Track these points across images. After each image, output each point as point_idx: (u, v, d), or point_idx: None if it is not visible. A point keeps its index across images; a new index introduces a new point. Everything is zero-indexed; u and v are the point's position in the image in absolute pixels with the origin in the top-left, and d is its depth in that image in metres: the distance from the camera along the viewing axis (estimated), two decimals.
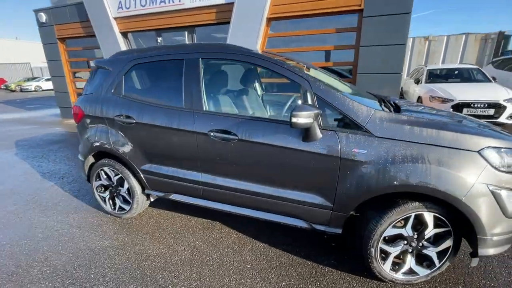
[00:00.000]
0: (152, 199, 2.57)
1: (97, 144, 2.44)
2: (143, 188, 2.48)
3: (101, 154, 2.56)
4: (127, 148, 2.32)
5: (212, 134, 1.96)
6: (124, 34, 6.98)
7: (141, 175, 2.35)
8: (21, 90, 21.99)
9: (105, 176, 2.60)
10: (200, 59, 2.08)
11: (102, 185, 2.66)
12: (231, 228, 2.45)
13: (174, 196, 2.31)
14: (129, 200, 2.51)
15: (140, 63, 2.32)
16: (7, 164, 4.40)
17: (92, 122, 2.49)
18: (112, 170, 2.51)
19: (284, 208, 1.91)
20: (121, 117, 2.30)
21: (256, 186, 1.94)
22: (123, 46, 7.00)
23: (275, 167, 1.84)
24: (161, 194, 2.38)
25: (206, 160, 2.06)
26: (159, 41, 6.84)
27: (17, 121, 8.41)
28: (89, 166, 2.65)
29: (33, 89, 21.81)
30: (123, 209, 2.60)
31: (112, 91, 2.39)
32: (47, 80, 22.33)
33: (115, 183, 2.53)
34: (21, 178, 3.79)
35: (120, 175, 2.47)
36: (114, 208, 2.64)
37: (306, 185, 1.81)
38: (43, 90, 21.79)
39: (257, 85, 2.93)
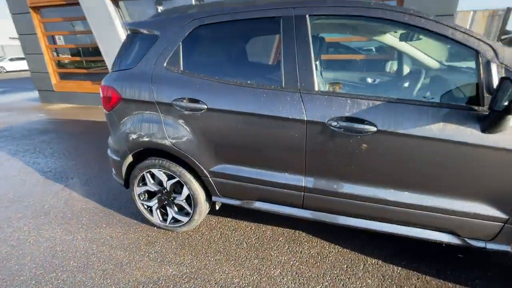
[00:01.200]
0: (216, 207, 2.01)
1: (145, 139, 1.79)
2: (209, 195, 1.91)
3: (145, 152, 1.93)
4: (191, 144, 1.71)
5: (333, 123, 1.41)
6: (115, 2, 5.91)
7: (210, 179, 1.77)
8: None
9: (152, 181, 1.97)
10: (307, 16, 1.47)
11: (147, 191, 2.05)
12: (321, 238, 1.96)
13: (258, 205, 1.77)
14: (188, 209, 1.94)
15: (207, 23, 1.65)
16: None
17: (135, 109, 1.81)
18: (164, 173, 1.90)
19: (428, 220, 1.45)
20: (183, 101, 1.66)
21: (394, 194, 1.45)
22: (115, 16, 5.96)
23: (432, 168, 1.34)
24: (236, 203, 1.82)
25: (317, 159, 1.51)
26: (159, 10, 5.87)
27: None
28: (127, 167, 2.01)
29: None
30: (178, 221, 2.03)
31: (165, 64, 1.71)
32: (12, 60, 19.85)
33: (167, 188, 1.93)
34: (17, 180, 3.01)
35: (176, 179, 1.87)
36: (165, 220, 2.06)
37: (474, 191, 1.34)
38: (7, 72, 19.36)
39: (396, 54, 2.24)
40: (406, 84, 1.88)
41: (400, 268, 1.69)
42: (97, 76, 6.91)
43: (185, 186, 1.86)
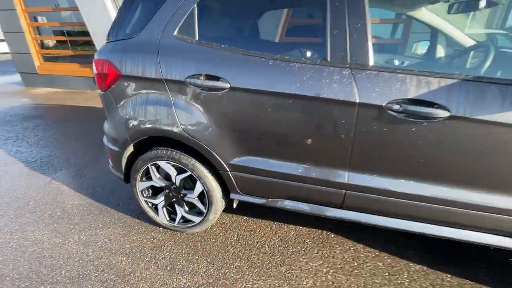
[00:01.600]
0: (234, 205, 1.74)
1: (150, 125, 1.48)
2: (226, 192, 1.63)
3: (150, 141, 1.62)
4: (207, 132, 1.41)
5: (394, 107, 1.13)
6: None
7: (230, 173, 1.49)
8: None
9: (158, 175, 1.68)
10: None
11: (152, 187, 1.76)
12: (353, 240, 1.71)
13: (288, 204, 1.50)
14: (201, 208, 1.65)
15: None
16: None
17: (137, 89, 1.49)
18: (174, 166, 1.60)
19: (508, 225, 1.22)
20: (200, 78, 1.34)
21: (466, 194, 1.20)
22: None
23: None
24: (260, 201, 1.55)
25: (367, 151, 1.24)
26: None
27: None
28: (128, 159, 1.70)
29: None
30: (189, 221, 1.75)
31: (176, 32, 1.38)
32: None
33: (177, 184, 1.64)
34: None
35: (188, 173, 1.58)
36: (173, 220, 1.77)
37: None
38: None
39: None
40: (475, 60, 1.61)
41: (450, 276, 1.48)
42: (84, 59, 6.37)
43: (198, 182, 1.57)
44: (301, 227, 1.85)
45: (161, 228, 1.85)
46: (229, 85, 1.30)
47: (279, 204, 1.52)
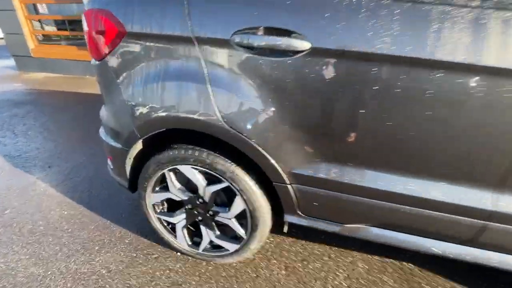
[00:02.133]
0: (284, 229, 1.25)
1: (167, 113, 0.95)
2: (278, 211, 1.14)
3: (168, 135, 1.11)
4: (264, 124, 0.89)
5: None
6: None
7: (290, 186, 0.99)
8: None
9: (178, 185, 1.18)
10: None
11: (169, 200, 1.27)
12: (444, 278, 1.23)
13: (376, 234, 1.01)
14: (241, 233, 1.14)
15: None
16: None
17: (150, 54, 0.96)
18: (202, 172, 1.08)
19: None
20: (256, 34, 0.81)
21: None
22: None
23: None
24: (332, 228, 1.05)
25: None
26: None
27: None
28: (134, 160, 1.20)
29: None
30: (220, 249, 1.26)
31: None
32: None
33: (205, 198, 1.13)
34: None
35: (225, 184, 1.06)
36: (196, 245, 1.27)
37: None
38: None
39: None
40: None
41: None
42: (83, 41, 5.82)
43: (238, 197, 1.07)
44: (370, 256, 1.36)
45: (179, 254, 1.37)
46: (308, 45, 0.78)
47: (362, 233, 1.02)
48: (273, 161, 0.94)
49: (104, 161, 2.19)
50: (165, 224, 1.30)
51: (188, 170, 1.09)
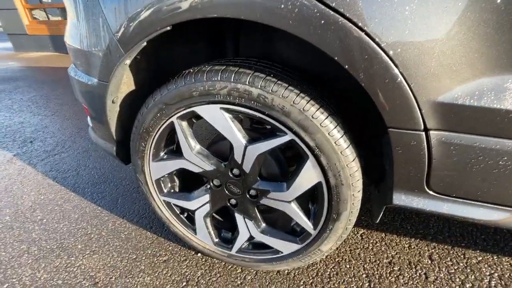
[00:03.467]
0: (375, 219, 0.77)
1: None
2: (377, 189, 0.65)
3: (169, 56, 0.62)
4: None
5: None
6: None
7: (427, 135, 0.48)
8: None
9: (197, 145, 0.68)
10: None
11: (182, 172, 0.77)
12: None
13: None
14: (307, 225, 0.65)
15: None
16: None
17: None
18: (239, 117, 0.61)
19: None
20: None
21: None
22: None
23: None
24: (499, 217, 0.57)
25: None
26: None
27: None
28: (122, 104, 0.73)
29: None
30: (264, 248, 0.79)
31: None
32: None
33: (245, 168, 0.64)
34: None
35: (285, 137, 0.56)
36: (226, 243, 0.80)
37: None
38: None
39: None
40: None
41: None
42: None
43: (310, 159, 0.59)
44: (494, 254, 0.88)
45: (199, 255, 0.93)
46: None
47: None
48: (401, 75, 0.44)
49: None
50: (178, 212, 0.84)
51: (215, 115, 0.61)
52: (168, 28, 0.53)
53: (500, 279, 0.80)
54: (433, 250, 0.90)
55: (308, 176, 0.60)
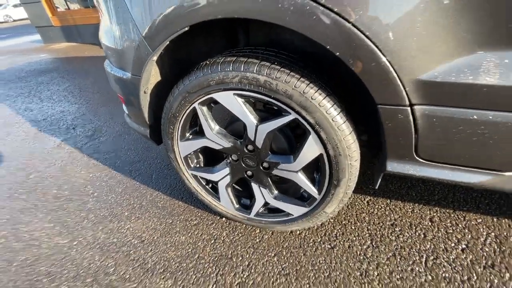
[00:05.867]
0: (376, 185, 0.87)
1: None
2: (372, 158, 0.74)
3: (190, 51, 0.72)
4: None
5: None
6: None
7: (412, 110, 0.55)
8: None
9: (216, 126, 0.79)
10: None
11: (206, 150, 0.91)
12: None
13: None
14: (312, 191, 0.77)
15: None
16: None
17: None
18: (250, 102, 0.71)
19: None
20: None
21: None
22: None
23: None
24: (482, 179, 0.62)
25: None
26: None
27: None
28: (152, 95, 0.86)
29: (1, 19, 18.05)
30: (280, 213, 0.92)
31: None
32: (16, 6, 18.31)
33: (257, 143, 0.75)
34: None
35: (290, 117, 0.66)
36: (245, 208, 0.96)
37: None
38: (14, 21, 18.06)
39: None
40: None
41: None
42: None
43: (312, 135, 0.69)
44: (493, 216, 0.94)
45: (224, 219, 1.09)
46: None
47: None
48: (385, 58, 0.51)
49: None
50: (204, 183, 0.99)
51: (230, 99, 0.71)
52: (186, 28, 0.62)
53: (496, 238, 0.87)
54: (434, 214, 0.98)
55: (311, 149, 0.69)
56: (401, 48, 0.50)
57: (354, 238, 0.92)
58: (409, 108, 0.56)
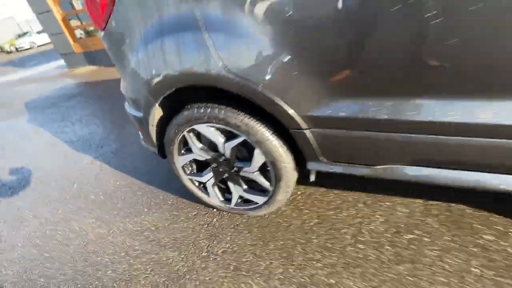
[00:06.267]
0: (311, 178, 1.22)
1: (169, 71, 0.94)
2: (299, 161, 1.10)
3: (182, 95, 1.12)
4: (269, 66, 0.82)
5: None
6: None
7: (308, 132, 0.93)
8: (17, 50, 19.99)
9: (200, 145, 1.20)
10: None
11: (195, 161, 1.33)
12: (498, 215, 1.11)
13: (412, 173, 0.92)
14: (265, 185, 1.15)
15: None
16: (20, 136, 3.19)
17: (145, 10, 0.97)
18: (219, 130, 1.11)
19: None
20: None
21: None
22: None
23: None
24: (361, 171, 0.98)
25: None
26: None
27: (20, 81, 7.00)
28: (157, 125, 1.26)
29: (28, 46, 19.69)
30: (250, 202, 1.32)
31: None
32: (39, 33, 19.88)
33: (226, 155, 1.16)
34: (41, 154, 2.58)
35: (241, 138, 1.06)
36: (228, 201, 1.34)
37: None
38: (38, 46, 19.63)
39: None
40: None
41: None
42: None
43: (257, 149, 1.06)
44: (413, 199, 1.26)
45: (215, 210, 1.46)
46: None
47: (396, 174, 0.92)
48: (285, 106, 0.87)
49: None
50: (197, 184, 1.38)
51: (204, 129, 1.10)
52: (173, 89, 1.01)
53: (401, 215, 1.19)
54: (368, 198, 1.30)
55: (258, 158, 1.06)
56: (294, 99, 0.86)
57: (305, 217, 1.27)
58: (307, 131, 0.91)
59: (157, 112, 1.18)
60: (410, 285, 0.94)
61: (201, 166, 1.34)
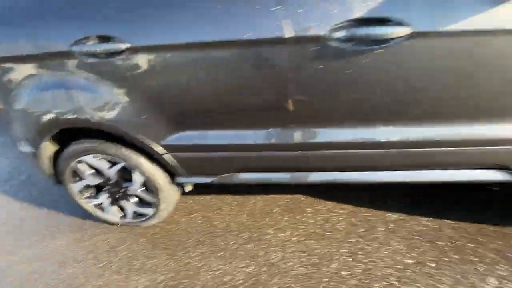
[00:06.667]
0: (189, 188, 1.54)
1: (49, 117, 1.18)
2: (173, 176, 1.41)
3: (70, 131, 1.33)
4: (123, 111, 1.13)
5: (342, 35, 0.87)
6: None
7: (168, 155, 1.26)
8: None
9: (89, 171, 1.44)
10: None
11: (88, 186, 1.52)
12: (324, 199, 1.61)
13: (244, 177, 1.30)
14: (150, 199, 1.46)
15: None
16: None
17: (21, 72, 1.17)
18: (103, 159, 1.36)
19: (467, 157, 1.07)
20: (88, 43, 1.03)
21: (450, 129, 1.00)
22: None
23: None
24: (211, 180, 1.35)
25: (318, 99, 1.01)
26: None
27: None
28: (54, 157, 1.43)
29: None
30: (143, 215, 1.57)
31: None
32: None
33: (113, 179, 1.42)
34: None
35: (122, 164, 1.34)
36: (124, 216, 1.58)
37: None
38: None
39: None
40: None
41: (429, 220, 1.38)
42: None
43: (135, 171, 1.34)
44: (269, 196, 1.69)
45: (117, 226, 1.67)
46: (127, 45, 0.99)
47: (234, 179, 1.31)
48: (145, 139, 1.19)
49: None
50: (95, 205, 1.57)
51: (91, 160, 1.34)
52: (56, 131, 1.23)
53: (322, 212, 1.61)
54: (237, 200, 1.69)
55: (137, 178, 1.35)
56: (151, 133, 1.18)
57: (190, 220, 1.60)
58: (166, 155, 1.24)
59: (47, 148, 1.37)
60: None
61: (96, 189, 1.55)
